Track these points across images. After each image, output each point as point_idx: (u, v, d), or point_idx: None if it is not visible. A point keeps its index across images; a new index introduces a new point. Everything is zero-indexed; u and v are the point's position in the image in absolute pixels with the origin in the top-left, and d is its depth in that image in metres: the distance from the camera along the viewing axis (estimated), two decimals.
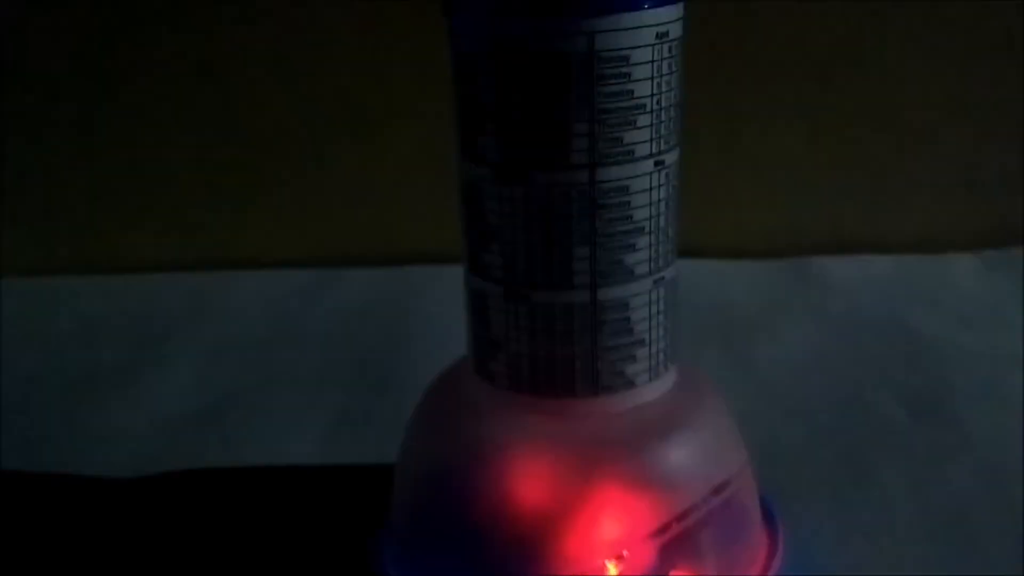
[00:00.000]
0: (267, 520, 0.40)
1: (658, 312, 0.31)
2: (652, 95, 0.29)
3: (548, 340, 0.31)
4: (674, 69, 0.29)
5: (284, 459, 0.45)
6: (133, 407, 0.50)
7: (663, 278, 0.31)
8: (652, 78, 0.29)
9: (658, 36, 0.28)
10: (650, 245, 0.30)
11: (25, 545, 0.39)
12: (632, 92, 0.28)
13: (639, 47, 0.28)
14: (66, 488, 0.43)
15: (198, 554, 0.38)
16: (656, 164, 0.30)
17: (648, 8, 0.28)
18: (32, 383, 0.53)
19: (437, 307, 0.57)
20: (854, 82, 0.64)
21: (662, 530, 0.31)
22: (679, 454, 0.32)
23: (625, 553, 0.32)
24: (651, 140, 0.29)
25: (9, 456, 0.45)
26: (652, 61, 0.28)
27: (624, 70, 0.28)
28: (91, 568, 0.38)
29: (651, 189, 0.30)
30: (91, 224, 0.68)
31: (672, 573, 0.32)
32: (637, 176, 0.29)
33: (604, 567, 0.32)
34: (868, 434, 0.45)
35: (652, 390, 0.32)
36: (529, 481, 0.31)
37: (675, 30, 0.29)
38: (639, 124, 0.29)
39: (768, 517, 0.36)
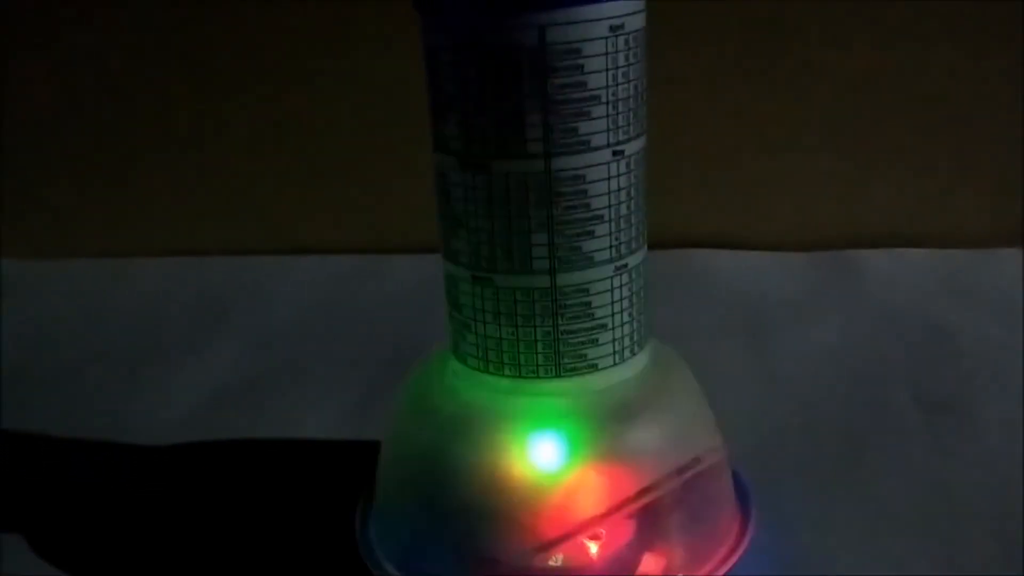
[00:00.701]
0: (278, 489, 0.42)
1: (621, 298, 0.32)
2: (607, 87, 0.30)
3: (511, 323, 0.32)
4: (632, 61, 0.30)
5: (312, 433, 0.47)
6: (184, 380, 0.53)
7: (626, 265, 0.32)
8: (607, 70, 0.29)
9: (612, 29, 0.29)
10: (610, 233, 0.31)
11: (64, 506, 0.42)
12: (585, 84, 0.29)
13: (591, 40, 0.29)
14: (108, 454, 0.46)
15: (204, 518, 0.41)
16: (615, 154, 0.30)
17: (600, 2, 0.29)
18: (97, 356, 0.57)
19: None
20: (895, 75, 0.63)
21: (624, 504, 0.32)
22: (640, 434, 0.33)
23: (602, 532, 0.33)
24: (608, 131, 0.30)
25: (70, 420, 0.49)
26: (606, 53, 0.29)
27: (576, 62, 0.29)
28: (121, 527, 0.41)
29: (610, 178, 0.31)
30: (162, 210, 0.72)
31: (645, 554, 0.33)
32: (594, 165, 0.30)
33: (584, 546, 0.33)
34: (876, 428, 0.45)
35: (617, 373, 0.33)
36: (494, 458, 0.32)
37: (633, 23, 0.30)
38: (594, 115, 0.30)
39: (743, 497, 0.37)
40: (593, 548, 0.33)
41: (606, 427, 0.32)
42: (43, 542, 0.40)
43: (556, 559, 0.32)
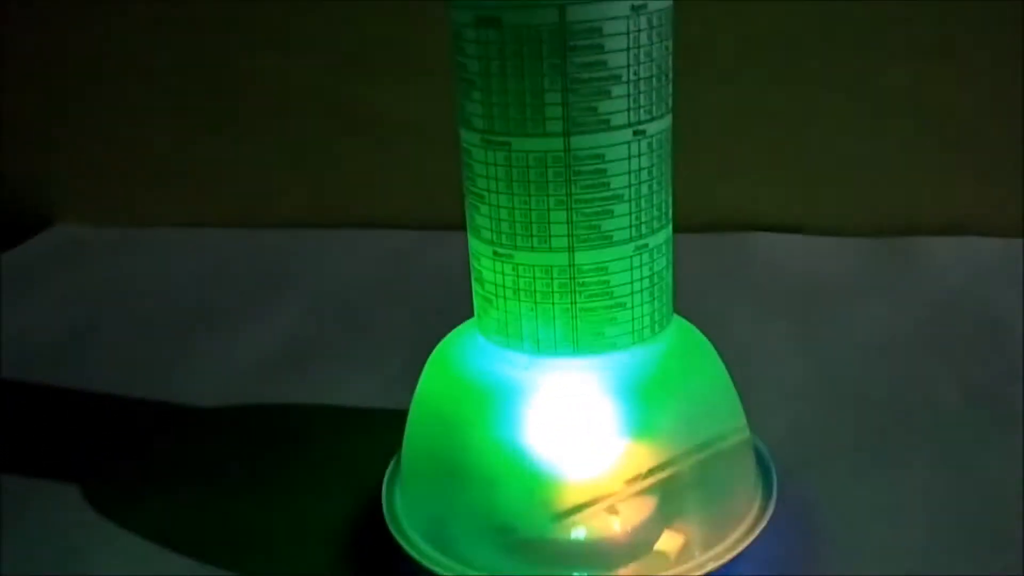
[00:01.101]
0: (315, 454, 0.44)
1: (641, 278, 0.32)
2: (628, 66, 0.30)
3: (531, 299, 0.32)
4: (655, 40, 0.30)
5: (357, 401, 0.48)
6: (236, 346, 0.55)
7: (646, 245, 0.32)
8: (628, 49, 0.29)
9: (634, 8, 0.29)
10: (630, 212, 0.31)
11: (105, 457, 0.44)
12: (605, 63, 0.29)
13: (612, 19, 0.29)
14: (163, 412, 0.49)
15: (242, 477, 0.42)
16: (636, 133, 0.31)
17: None
18: (152, 322, 0.59)
19: None
20: (960, 65, 0.61)
21: (636, 480, 0.32)
22: (653, 412, 0.33)
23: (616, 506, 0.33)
24: (628, 110, 0.30)
25: (129, 381, 0.51)
26: (627, 32, 0.29)
27: (597, 41, 0.29)
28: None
29: (630, 158, 0.31)
30: (231, 183, 0.74)
31: (665, 530, 0.34)
32: (614, 145, 0.30)
33: (604, 520, 0.33)
34: (917, 415, 0.44)
35: (636, 352, 0.33)
36: (506, 431, 0.33)
37: (657, 2, 0.30)
38: (614, 94, 0.30)
39: (765, 478, 0.37)
40: (614, 522, 0.33)
41: (620, 404, 0.32)
42: (97, 495, 0.42)
43: (577, 531, 0.33)
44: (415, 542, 0.35)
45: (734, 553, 0.33)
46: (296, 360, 0.54)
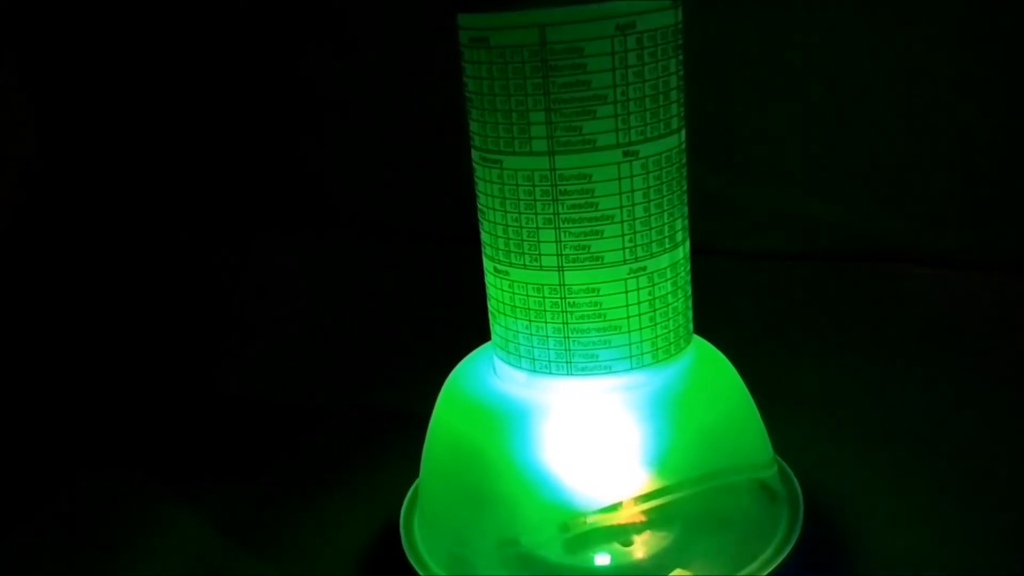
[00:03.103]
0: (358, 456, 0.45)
1: (639, 301, 0.32)
2: (615, 86, 0.29)
3: (526, 316, 0.32)
4: (648, 60, 0.29)
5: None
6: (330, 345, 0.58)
7: (644, 268, 0.31)
8: (614, 69, 0.29)
9: (619, 28, 0.29)
10: (622, 234, 0.31)
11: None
12: (589, 83, 0.29)
13: (594, 39, 0.29)
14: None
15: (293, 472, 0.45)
16: (626, 154, 0.30)
17: (603, 1, 0.28)
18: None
19: None
20: None
21: (640, 500, 0.32)
22: (650, 440, 0.32)
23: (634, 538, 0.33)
24: (617, 130, 0.30)
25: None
26: (612, 53, 0.29)
27: (578, 61, 0.29)
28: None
29: (620, 179, 0.30)
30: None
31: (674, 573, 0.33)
32: (601, 165, 0.30)
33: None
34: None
35: (635, 378, 0.32)
36: (496, 446, 0.33)
37: (649, 21, 0.29)
38: (599, 114, 0.29)
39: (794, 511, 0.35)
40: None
41: (610, 430, 0.32)
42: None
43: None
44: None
45: None
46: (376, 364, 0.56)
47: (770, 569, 0.32)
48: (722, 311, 0.42)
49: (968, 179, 0.61)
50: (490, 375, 0.35)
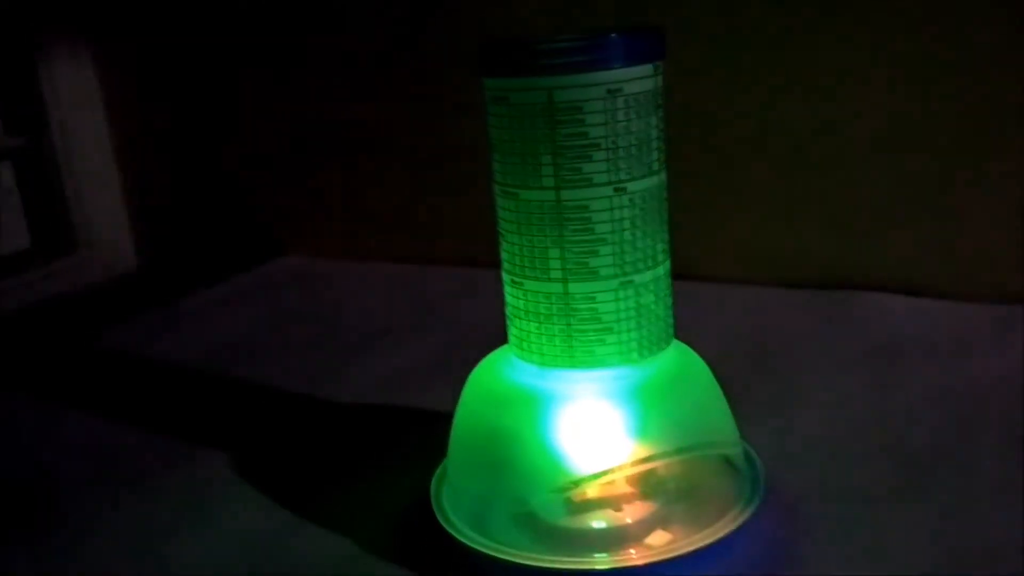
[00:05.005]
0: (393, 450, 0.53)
1: (627, 308, 0.39)
2: (606, 136, 0.37)
3: (537, 320, 0.40)
4: (633, 116, 0.37)
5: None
6: (379, 364, 0.66)
7: (632, 281, 0.39)
8: (606, 123, 0.37)
9: (609, 92, 0.37)
10: (613, 253, 0.39)
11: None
12: (587, 134, 0.37)
13: (590, 100, 0.37)
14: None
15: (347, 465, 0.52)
16: (616, 190, 0.38)
17: (598, 71, 0.36)
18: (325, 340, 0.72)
19: None
20: None
21: (628, 466, 0.39)
22: (637, 417, 0.40)
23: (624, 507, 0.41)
24: (608, 171, 0.38)
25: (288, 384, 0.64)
26: (604, 111, 0.37)
27: (578, 117, 0.37)
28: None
29: (612, 209, 0.38)
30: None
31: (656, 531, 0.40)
32: (596, 198, 0.38)
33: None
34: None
35: (625, 370, 0.40)
36: (512, 423, 0.41)
37: (634, 87, 0.37)
38: (595, 158, 0.37)
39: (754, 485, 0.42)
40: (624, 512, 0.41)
41: (606, 409, 0.40)
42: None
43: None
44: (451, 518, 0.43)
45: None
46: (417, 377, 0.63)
47: (732, 528, 0.40)
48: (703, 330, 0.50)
49: (936, 216, 0.68)
50: (507, 368, 0.42)
